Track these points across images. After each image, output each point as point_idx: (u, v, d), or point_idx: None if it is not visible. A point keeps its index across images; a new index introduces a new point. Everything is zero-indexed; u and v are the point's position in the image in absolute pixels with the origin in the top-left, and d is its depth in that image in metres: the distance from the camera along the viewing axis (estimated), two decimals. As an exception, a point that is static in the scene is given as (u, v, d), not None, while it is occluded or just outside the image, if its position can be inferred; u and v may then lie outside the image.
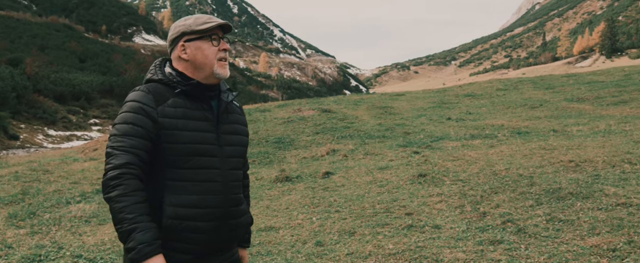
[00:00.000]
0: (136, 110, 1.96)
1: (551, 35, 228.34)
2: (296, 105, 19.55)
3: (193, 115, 2.02)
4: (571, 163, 6.82)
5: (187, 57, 2.08)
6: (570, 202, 5.14)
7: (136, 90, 2.04)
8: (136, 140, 1.92)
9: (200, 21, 2.08)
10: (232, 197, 2.09)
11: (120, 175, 1.85)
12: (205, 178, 2.01)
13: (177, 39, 2.11)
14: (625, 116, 12.00)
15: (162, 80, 2.06)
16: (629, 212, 4.59)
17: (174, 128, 1.97)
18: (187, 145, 1.98)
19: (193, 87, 2.04)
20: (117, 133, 1.94)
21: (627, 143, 7.77)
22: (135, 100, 1.99)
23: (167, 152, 1.97)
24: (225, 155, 2.08)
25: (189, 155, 1.98)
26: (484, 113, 15.28)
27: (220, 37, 2.12)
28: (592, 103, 15.21)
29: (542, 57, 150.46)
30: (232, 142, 2.13)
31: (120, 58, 62.34)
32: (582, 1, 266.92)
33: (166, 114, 1.97)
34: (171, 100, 2.01)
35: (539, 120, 12.90)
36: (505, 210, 5.18)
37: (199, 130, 2.02)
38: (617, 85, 18.06)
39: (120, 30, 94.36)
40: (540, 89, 20.08)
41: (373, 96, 24.63)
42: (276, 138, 12.82)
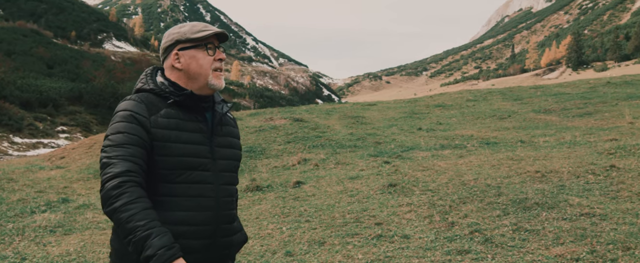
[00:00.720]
0: (128, 119, 1.86)
1: (520, 48, 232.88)
2: (268, 114, 19.50)
3: (186, 126, 1.93)
4: (537, 173, 6.94)
5: (181, 66, 1.99)
6: (536, 212, 5.23)
7: (127, 100, 1.94)
8: (133, 148, 1.82)
9: (196, 29, 1.99)
10: (225, 214, 1.99)
11: (121, 183, 1.75)
12: (197, 193, 1.91)
13: (171, 47, 2.02)
14: (590, 127, 12.28)
15: (153, 90, 1.97)
16: (592, 222, 4.70)
17: (167, 139, 1.88)
18: (180, 158, 1.89)
19: (187, 97, 1.95)
20: (111, 143, 1.84)
21: (591, 155, 7.95)
22: (126, 109, 1.89)
23: (159, 164, 1.87)
24: (219, 169, 1.99)
25: (182, 169, 1.89)
26: (454, 123, 15.46)
27: (216, 46, 2.03)
28: (559, 114, 15.52)
29: (511, 69, 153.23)
30: (225, 155, 2.04)
31: (89, 64, 61.37)
32: (549, 15, 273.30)
33: (159, 125, 1.88)
34: (164, 111, 1.92)
35: (508, 130, 13.12)
36: (473, 220, 5.24)
37: (193, 143, 1.92)
38: (583, 97, 18.49)
39: (90, 36, 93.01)
40: (509, 100, 20.43)
41: (345, 105, 24.74)
42: (247, 147, 12.76)
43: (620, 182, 6.03)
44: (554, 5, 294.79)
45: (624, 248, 4.07)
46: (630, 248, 4.07)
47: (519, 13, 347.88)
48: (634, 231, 4.37)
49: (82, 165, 12.71)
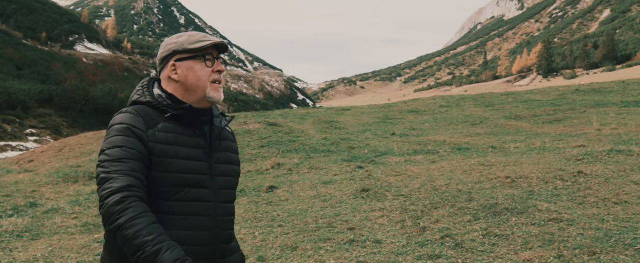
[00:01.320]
0: (126, 133, 1.76)
1: (492, 55, 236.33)
2: (242, 118, 19.42)
3: (185, 141, 1.84)
4: (508, 179, 7.05)
5: (178, 78, 1.90)
6: (506, 217, 5.31)
7: (123, 113, 1.84)
8: (132, 163, 1.73)
9: (194, 39, 1.90)
10: (224, 234, 1.91)
11: (124, 199, 1.64)
12: (195, 211, 1.82)
13: (168, 57, 1.93)
14: (559, 134, 12.51)
15: (150, 103, 1.88)
16: (560, 227, 4.79)
17: (165, 155, 1.78)
18: (178, 174, 1.80)
19: (185, 111, 1.86)
20: (108, 158, 1.73)
21: (560, 161, 8.10)
22: (123, 122, 1.79)
23: (155, 181, 1.78)
24: (218, 186, 1.90)
25: (179, 186, 1.80)
26: (427, 129, 15.61)
27: (215, 58, 1.94)
28: (529, 121, 15.78)
29: (484, 76, 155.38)
30: (225, 172, 1.95)
31: (60, 66, 60.39)
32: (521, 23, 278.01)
33: (157, 139, 1.79)
34: (162, 125, 1.83)
35: (479, 136, 13.29)
36: (445, 225, 5.30)
37: (191, 159, 1.83)
38: (553, 104, 18.84)
39: (62, 38, 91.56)
40: (481, 106, 20.71)
41: (319, 110, 24.78)
42: (221, 152, 12.68)
43: (587, 188, 6.16)
44: (525, 13, 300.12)
45: (590, 253, 4.16)
46: (596, 253, 4.15)
47: (492, 21, 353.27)
48: (599, 236, 4.47)
49: (51, 168, 12.49)
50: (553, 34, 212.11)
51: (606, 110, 15.97)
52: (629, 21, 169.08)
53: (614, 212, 5.10)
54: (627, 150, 8.22)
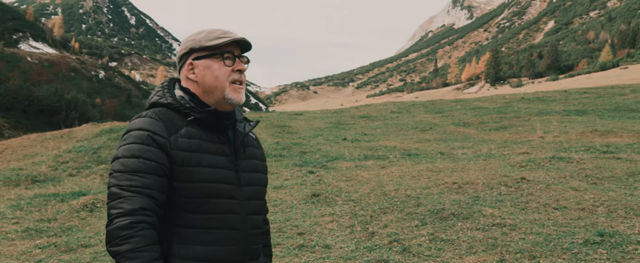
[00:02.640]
0: (146, 141, 1.62)
1: (442, 62, 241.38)
2: (193, 122, 19.18)
3: (208, 148, 1.70)
4: (455, 185, 7.22)
5: (195, 78, 1.77)
6: (451, 222, 5.44)
7: (142, 117, 1.70)
8: (150, 178, 1.59)
9: (212, 36, 1.77)
10: (252, 249, 1.77)
11: (132, 224, 1.51)
12: (221, 225, 1.68)
13: (185, 55, 1.80)
14: (504, 141, 12.89)
15: (172, 105, 1.74)
16: (503, 232, 4.94)
17: (188, 163, 1.65)
18: (202, 184, 1.66)
19: (210, 114, 1.72)
20: (124, 169, 1.59)
21: (504, 167, 8.35)
22: (143, 128, 1.65)
23: (178, 191, 1.64)
24: (245, 197, 1.76)
25: (204, 197, 1.66)
26: (378, 134, 15.80)
27: (236, 56, 1.79)
28: (477, 128, 16.20)
29: (434, 82, 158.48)
30: (252, 181, 1.81)
31: (3, 65, 58.08)
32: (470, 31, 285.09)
33: (179, 146, 1.65)
34: (184, 129, 1.69)
35: (428, 142, 13.55)
36: (393, 230, 5.38)
37: (216, 167, 1.69)
38: (499, 112, 19.40)
39: (5, 35, 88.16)
40: (431, 112, 21.12)
41: (272, 114, 24.73)
42: (170, 155, 12.51)
43: (530, 193, 6.37)
44: (474, 22, 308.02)
45: (530, 257, 4.31)
46: (536, 257, 4.31)
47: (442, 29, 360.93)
48: (539, 240, 4.63)
49: (-9, 171, 12.00)
50: (500, 43, 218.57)
51: (549, 119, 16.56)
52: (572, 33, 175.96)
53: (554, 217, 5.30)
54: (568, 158, 8.55)
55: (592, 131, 12.84)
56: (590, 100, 21.76)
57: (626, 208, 5.42)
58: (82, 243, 5.83)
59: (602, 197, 5.93)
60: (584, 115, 17.14)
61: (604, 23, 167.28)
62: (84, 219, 7.14)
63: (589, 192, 6.20)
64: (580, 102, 21.29)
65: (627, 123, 14.46)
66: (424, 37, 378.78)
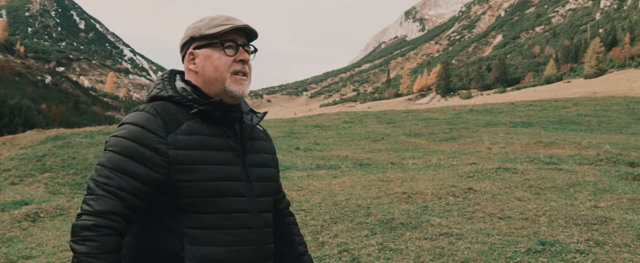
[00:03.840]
0: (137, 139, 1.52)
1: (395, 73, 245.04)
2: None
3: (213, 143, 1.60)
4: (404, 194, 7.33)
5: (196, 69, 1.67)
6: (400, 232, 5.53)
7: (140, 111, 1.59)
8: (128, 180, 1.49)
9: (214, 23, 1.65)
10: (266, 249, 1.69)
11: (95, 227, 1.43)
12: (232, 224, 1.59)
13: (186, 44, 1.70)
14: (453, 151, 13.19)
15: (173, 98, 1.63)
16: (450, 242, 5.05)
17: (191, 162, 1.54)
18: (208, 182, 1.56)
19: (215, 106, 1.61)
20: (106, 163, 1.50)
21: (452, 177, 8.54)
22: (137, 123, 1.54)
23: (183, 192, 1.54)
24: (255, 194, 1.67)
25: (211, 197, 1.56)
26: (330, 144, 15.90)
27: (240, 45, 1.67)
28: (427, 138, 16.52)
29: (386, 93, 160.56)
30: (261, 176, 1.71)
31: (-59, 68, 55.66)
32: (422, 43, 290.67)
33: (179, 145, 1.55)
34: (185, 125, 1.58)
35: (380, 152, 13.72)
36: (343, 240, 5.42)
37: (222, 163, 1.59)
38: (449, 123, 19.84)
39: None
40: (383, 123, 21.40)
41: (224, 123, 24.49)
42: (119, 164, 12.24)
43: (476, 203, 6.54)
44: (426, 35, 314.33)
45: (476, 266, 4.42)
46: (481, 265, 4.42)
47: (395, 40, 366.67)
48: (484, 250, 4.76)
49: None
50: (451, 55, 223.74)
51: (496, 130, 17.04)
52: (518, 47, 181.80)
53: (498, 227, 5.46)
54: (513, 168, 8.82)
55: (536, 142, 13.28)
56: (536, 112, 22.52)
57: (566, 217, 5.62)
58: (24, 255, 5.63)
59: (544, 207, 6.14)
60: (529, 127, 17.73)
61: (548, 38, 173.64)
62: (25, 229, 6.90)
63: (532, 202, 6.41)
64: (526, 114, 22.01)
65: (569, 135, 15.04)
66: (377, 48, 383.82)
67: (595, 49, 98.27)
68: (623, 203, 6.30)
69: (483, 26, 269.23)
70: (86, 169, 11.77)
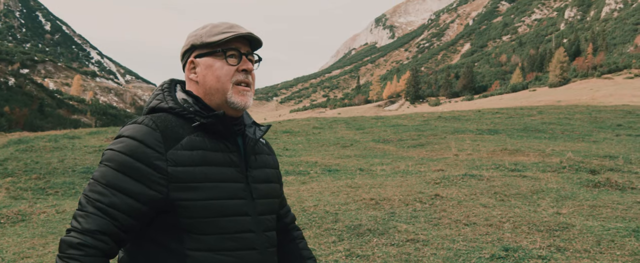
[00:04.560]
0: (134, 154, 1.43)
1: (365, 79, 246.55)
2: (110, 133, 18.55)
3: (215, 159, 1.51)
4: (372, 201, 7.38)
5: (196, 78, 1.58)
6: (368, 238, 5.56)
7: (138, 123, 1.49)
8: (121, 198, 1.41)
9: (216, 30, 1.57)
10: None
11: (81, 246, 1.36)
12: (237, 245, 1.51)
13: (187, 53, 1.62)
14: (421, 158, 13.32)
15: (173, 110, 1.54)
16: (416, 248, 5.10)
17: (191, 179, 1.45)
18: (210, 202, 1.47)
19: (218, 119, 1.52)
20: (100, 178, 1.42)
21: (420, 184, 8.63)
22: (135, 137, 1.45)
23: (183, 212, 1.45)
24: (259, 211, 1.58)
25: (213, 216, 1.47)
26: (299, 150, 15.89)
27: (243, 54, 1.59)
28: (396, 145, 16.65)
29: (356, 99, 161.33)
30: (265, 193, 1.62)
31: None
32: (392, 50, 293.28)
33: (179, 161, 1.45)
34: (186, 139, 1.49)
35: (349, 158, 13.78)
36: (310, 246, 5.43)
37: (224, 180, 1.51)
38: (417, 129, 20.04)
39: None
40: (352, 129, 21.50)
41: (193, 128, 24.30)
42: (84, 168, 12.02)
43: (443, 210, 6.62)
44: (396, 42, 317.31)
45: (441, 271, 4.48)
46: (446, 271, 4.48)
47: (365, 47, 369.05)
48: (450, 256, 4.83)
49: None
50: (420, 63, 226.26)
51: (463, 137, 17.28)
52: (486, 55, 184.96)
53: (464, 233, 5.54)
54: (479, 175, 8.96)
55: (502, 150, 13.51)
56: (502, 120, 22.92)
57: (529, 224, 5.74)
58: (-17, 262, 5.48)
59: (509, 213, 6.26)
60: (496, 134, 18.03)
61: (515, 47, 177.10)
62: (-15, 236, 6.72)
63: (497, 209, 6.52)
64: (493, 121, 22.38)
65: (533, 143, 15.34)
66: (348, 54, 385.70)
67: (559, 58, 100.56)
68: (584, 210, 6.47)
69: (452, 34, 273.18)
70: (50, 174, 11.53)
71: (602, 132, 18.05)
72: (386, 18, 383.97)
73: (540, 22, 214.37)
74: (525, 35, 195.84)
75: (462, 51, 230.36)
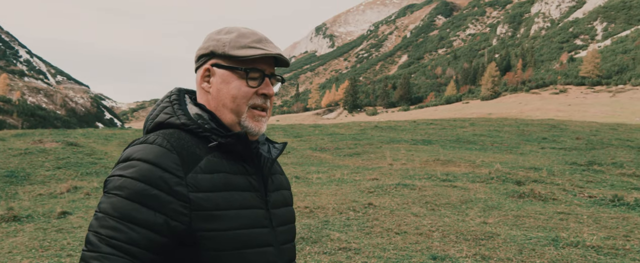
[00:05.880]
0: (150, 181, 1.22)
1: (304, 87, 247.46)
2: (37, 136, 17.80)
3: (236, 183, 1.32)
4: (307, 209, 7.42)
5: (209, 88, 1.38)
6: (301, 246, 5.59)
7: (149, 143, 1.28)
8: (140, 232, 1.20)
9: (242, 42, 1.36)
10: None
11: None
12: None
13: (205, 57, 1.40)
14: (357, 167, 13.50)
15: (187, 126, 1.33)
16: (348, 256, 5.17)
17: (214, 207, 1.26)
18: (234, 232, 1.28)
19: (238, 139, 1.33)
20: (110, 211, 1.20)
21: (354, 192, 8.75)
22: (149, 161, 1.23)
23: (205, 245, 1.25)
24: (281, 241, 1.40)
25: (239, 248, 1.29)
26: (236, 157, 15.76)
27: (266, 75, 1.39)
28: (332, 153, 16.79)
29: (295, 107, 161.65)
30: (284, 219, 1.45)
31: None
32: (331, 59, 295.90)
33: (200, 186, 1.26)
34: (204, 161, 1.29)
35: (286, 166, 13.78)
36: (243, 254, 5.40)
37: (247, 207, 1.32)
38: (354, 138, 20.28)
39: None
40: (290, 136, 21.51)
41: (127, 131, 23.68)
42: (8, 172, 11.47)
43: (375, 218, 6.74)
44: (335, 51, 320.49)
45: (372, 279, 4.56)
46: (377, 279, 4.57)
47: (305, 55, 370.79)
48: (380, 263, 4.92)
49: None
50: (359, 72, 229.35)
51: (398, 147, 17.64)
52: (422, 67, 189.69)
53: (394, 242, 5.66)
54: (412, 184, 9.18)
55: (434, 160, 13.88)
56: (436, 131, 23.54)
57: (457, 233, 5.93)
58: None
59: (438, 222, 6.45)
60: (429, 145, 18.50)
61: (450, 60, 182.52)
62: None
63: (428, 218, 6.70)
64: (427, 132, 22.95)
65: (465, 153, 15.85)
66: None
67: (491, 72, 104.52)
68: (509, 220, 6.74)
69: (390, 45, 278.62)
70: (-31, 177, 10.94)
71: (529, 144, 18.86)
72: (326, 27, 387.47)
73: (474, 37, 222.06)
74: (460, 49, 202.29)
75: (399, 62, 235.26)
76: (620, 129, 25.68)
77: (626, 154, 15.72)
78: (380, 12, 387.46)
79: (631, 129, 25.44)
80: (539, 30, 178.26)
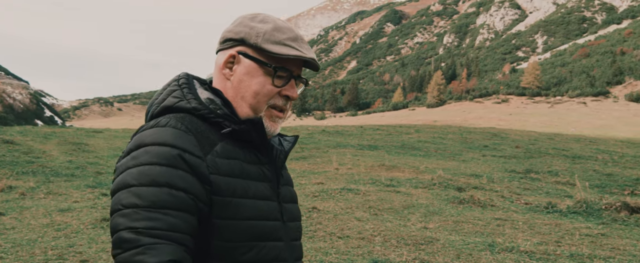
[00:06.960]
0: (172, 162, 1.13)
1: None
2: (-30, 133, 17.03)
3: (251, 172, 1.25)
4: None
5: (230, 76, 1.30)
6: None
7: (161, 126, 1.19)
8: (180, 216, 1.11)
9: (277, 37, 1.28)
10: None
11: None
12: None
13: (233, 42, 1.31)
14: (303, 171, 13.53)
15: (197, 110, 1.24)
16: None
17: (231, 193, 1.19)
18: (250, 222, 1.21)
19: (254, 126, 1.27)
20: (139, 202, 1.09)
21: (299, 196, 8.77)
22: (166, 143, 1.15)
23: (222, 234, 1.17)
24: (291, 237, 1.34)
25: (253, 240, 1.21)
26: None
27: (293, 77, 1.33)
28: (279, 157, 16.77)
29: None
30: (293, 215, 1.38)
31: None
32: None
33: (219, 169, 1.19)
34: (220, 146, 1.22)
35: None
36: None
37: (261, 197, 1.26)
38: (301, 142, 20.31)
39: None
40: (237, 139, 21.36)
41: (68, 130, 22.97)
42: (-64, 170, 10.92)
43: (319, 222, 6.78)
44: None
45: (313, 283, 4.59)
46: (318, 283, 4.60)
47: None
48: (322, 267, 4.96)
49: None
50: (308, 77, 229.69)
51: (345, 151, 17.79)
52: (371, 73, 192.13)
53: (337, 246, 5.71)
54: (356, 189, 9.28)
55: (380, 165, 14.08)
56: (382, 136, 23.88)
57: (398, 237, 6.04)
58: None
59: (381, 227, 6.54)
60: (375, 150, 18.74)
61: (398, 67, 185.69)
62: None
63: (370, 222, 6.80)
64: (373, 137, 23.24)
65: (409, 159, 16.15)
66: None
67: (437, 81, 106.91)
68: (449, 225, 6.92)
69: (340, 51, 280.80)
70: None
71: (471, 151, 19.38)
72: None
73: (421, 45, 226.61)
74: (408, 57, 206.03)
75: (348, 68, 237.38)
76: (557, 138, 26.77)
77: (561, 163, 16.39)
78: (330, 17, 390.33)
79: (567, 139, 26.56)
80: (484, 41, 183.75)
